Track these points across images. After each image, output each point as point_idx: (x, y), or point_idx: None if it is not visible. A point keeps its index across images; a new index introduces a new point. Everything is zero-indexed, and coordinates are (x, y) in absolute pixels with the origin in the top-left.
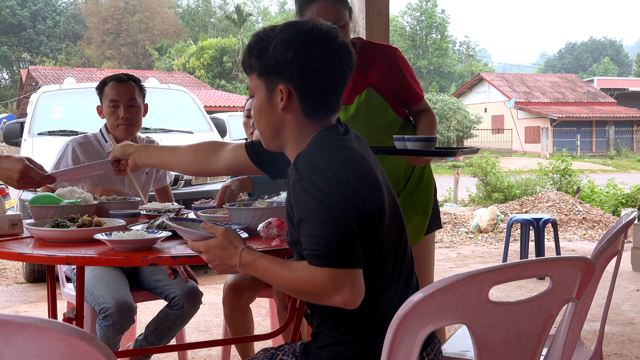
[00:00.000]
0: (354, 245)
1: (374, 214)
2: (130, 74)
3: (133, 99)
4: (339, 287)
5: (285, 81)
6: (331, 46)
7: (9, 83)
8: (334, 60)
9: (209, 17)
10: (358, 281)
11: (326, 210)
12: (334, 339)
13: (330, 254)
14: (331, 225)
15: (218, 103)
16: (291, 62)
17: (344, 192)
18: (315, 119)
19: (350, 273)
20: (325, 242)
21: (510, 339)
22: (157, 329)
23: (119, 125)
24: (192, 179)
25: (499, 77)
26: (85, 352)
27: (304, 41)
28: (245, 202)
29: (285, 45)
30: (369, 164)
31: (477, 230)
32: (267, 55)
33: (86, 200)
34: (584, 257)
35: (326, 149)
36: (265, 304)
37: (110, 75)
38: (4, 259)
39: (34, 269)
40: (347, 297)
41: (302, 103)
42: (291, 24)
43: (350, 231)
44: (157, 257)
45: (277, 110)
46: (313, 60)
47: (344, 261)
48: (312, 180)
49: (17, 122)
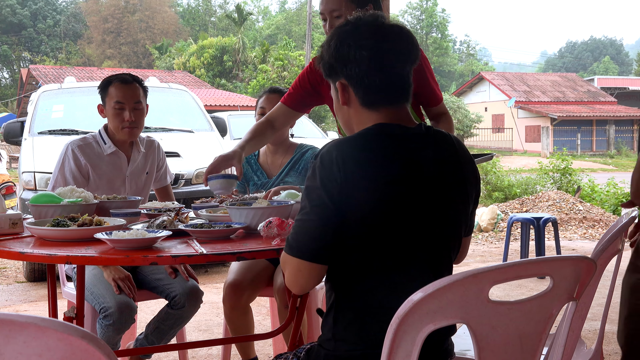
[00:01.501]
0: (313, 238)
1: (369, 218)
2: (134, 75)
3: (138, 102)
4: (283, 269)
5: (339, 77)
6: (370, 34)
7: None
8: (374, 47)
9: (210, 16)
10: (298, 271)
11: (307, 201)
12: (331, 334)
13: (290, 239)
14: (305, 213)
15: (218, 102)
16: (336, 58)
17: (330, 188)
18: (373, 108)
19: (293, 261)
20: (294, 227)
21: (510, 338)
22: (158, 328)
23: (124, 127)
24: (193, 179)
25: (500, 76)
26: (86, 352)
27: (343, 35)
28: (246, 202)
29: (330, 45)
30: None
31: (477, 229)
32: (324, 59)
33: (86, 200)
34: (584, 256)
35: (352, 143)
36: (265, 303)
37: (113, 75)
38: (4, 258)
39: (35, 268)
40: (285, 280)
41: (357, 94)
42: (337, 26)
43: (318, 224)
44: (158, 256)
45: (343, 107)
46: (352, 50)
47: (292, 248)
48: (314, 168)
49: (18, 121)
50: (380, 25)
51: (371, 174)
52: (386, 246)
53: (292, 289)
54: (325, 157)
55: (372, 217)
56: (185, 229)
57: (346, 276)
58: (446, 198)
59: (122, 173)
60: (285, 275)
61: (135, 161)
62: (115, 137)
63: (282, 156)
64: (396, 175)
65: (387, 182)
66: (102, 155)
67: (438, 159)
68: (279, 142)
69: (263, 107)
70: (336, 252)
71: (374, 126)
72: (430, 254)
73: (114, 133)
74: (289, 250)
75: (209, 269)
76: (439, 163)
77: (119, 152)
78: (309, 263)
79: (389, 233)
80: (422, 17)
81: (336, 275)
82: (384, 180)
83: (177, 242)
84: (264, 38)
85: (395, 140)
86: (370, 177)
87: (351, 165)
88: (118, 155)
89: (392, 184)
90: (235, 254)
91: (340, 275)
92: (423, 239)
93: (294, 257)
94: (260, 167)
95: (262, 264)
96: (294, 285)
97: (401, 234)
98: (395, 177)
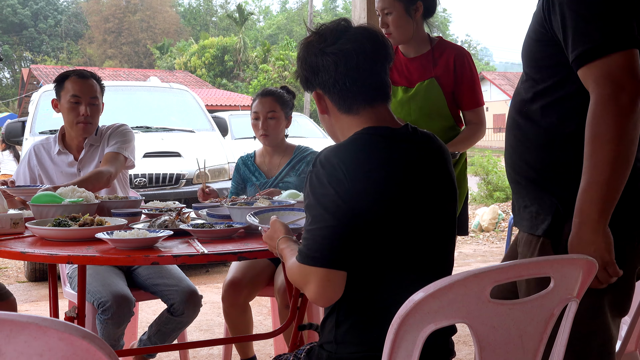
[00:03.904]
0: (334, 247)
1: (379, 221)
2: (91, 72)
3: (95, 97)
4: (307, 282)
5: (314, 88)
6: (334, 40)
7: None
8: (340, 52)
9: (211, 15)
10: (327, 281)
11: (319, 207)
12: (333, 337)
13: (307, 251)
14: (318, 222)
15: (219, 102)
16: (307, 69)
17: (341, 193)
18: (353, 113)
19: (319, 272)
20: (307, 237)
21: (511, 338)
22: (160, 331)
23: (78, 122)
24: (194, 178)
25: (501, 75)
26: (87, 351)
27: (309, 46)
28: (247, 202)
29: (299, 58)
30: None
31: (478, 229)
32: (299, 74)
33: (88, 199)
34: (585, 256)
35: (349, 148)
36: (266, 303)
37: (71, 70)
38: (5, 257)
39: (36, 268)
40: (312, 294)
41: (332, 101)
42: (300, 43)
43: (335, 231)
44: (159, 256)
45: (324, 117)
46: (319, 58)
47: (315, 259)
48: (318, 175)
49: (19, 121)
50: (343, 29)
51: (374, 176)
52: (390, 247)
53: (320, 301)
54: (326, 164)
55: (377, 219)
56: (186, 228)
57: (350, 279)
58: (441, 197)
59: (71, 171)
60: (309, 290)
61: (82, 157)
62: (69, 136)
63: (281, 156)
64: (397, 176)
65: (389, 184)
66: (52, 155)
67: (429, 159)
68: (275, 143)
69: (256, 112)
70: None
71: (364, 130)
72: (431, 254)
73: (69, 131)
74: (312, 262)
75: (210, 269)
76: (430, 163)
77: (64, 152)
78: (336, 271)
79: (392, 234)
80: None
81: None
82: (385, 181)
83: (178, 241)
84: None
85: (389, 142)
86: (373, 180)
87: (354, 169)
88: (65, 154)
89: (393, 185)
90: (237, 253)
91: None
92: (424, 238)
93: (321, 268)
94: (257, 168)
95: (262, 263)
96: (321, 298)
97: (404, 234)
98: (395, 178)
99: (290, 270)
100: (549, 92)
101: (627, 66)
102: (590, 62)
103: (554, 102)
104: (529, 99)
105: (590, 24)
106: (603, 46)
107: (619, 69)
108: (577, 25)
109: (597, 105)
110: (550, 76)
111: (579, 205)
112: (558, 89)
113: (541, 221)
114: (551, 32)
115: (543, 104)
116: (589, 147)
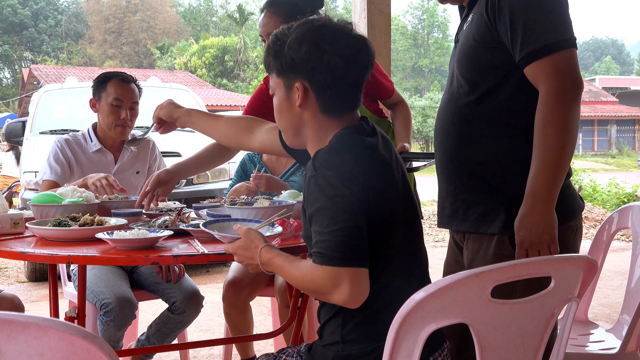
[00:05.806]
0: (358, 245)
1: (386, 216)
2: (132, 75)
3: (135, 102)
4: (337, 285)
5: (301, 78)
6: (344, 42)
7: (10, 82)
8: (348, 56)
9: (211, 16)
10: (357, 280)
11: (336, 208)
12: (339, 337)
13: (331, 252)
14: (338, 223)
15: (220, 102)
16: (305, 59)
17: (356, 192)
18: (334, 116)
19: (350, 272)
20: (329, 240)
21: (512, 337)
22: (159, 331)
23: (117, 125)
24: (194, 178)
25: None
26: (87, 351)
27: (317, 37)
28: (247, 201)
29: (299, 43)
30: (389, 165)
31: None
32: (283, 53)
33: (88, 199)
34: (585, 255)
35: (346, 148)
36: (267, 303)
37: (112, 72)
38: (6, 257)
39: (36, 268)
40: (345, 296)
41: (318, 99)
42: (304, 22)
43: (356, 231)
44: (159, 256)
45: (295, 108)
46: (326, 56)
47: (344, 260)
48: (326, 177)
49: (19, 121)
50: (355, 35)
51: (378, 172)
52: (392, 246)
53: (354, 302)
54: (332, 166)
55: (387, 213)
56: (186, 228)
57: None
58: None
59: (107, 171)
60: (342, 292)
61: (122, 160)
62: (104, 135)
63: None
64: (390, 169)
65: (389, 178)
66: (87, 152)
67: (393, 149)
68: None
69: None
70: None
71: (347, 130)
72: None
73: (104, 131)
74: (341, 262)
75: (210, 269)
76: (397, 158)
77: (104, 150)
78: (365, 269)
79: (394, 232)
80: (423, 17)
81: None
82: (386, 176)
83: (178, 241)
84: None
85: (370, 139)
86: (377, 176)
87: (361, 167)
88: (104, 153)
89: (391, 178)
90: None
91: None
92: (419, 236)
93: (352, 267)
94: (264, 165)
95: None
96: (356, 298)
97: (405, 233)
98: (390, 171)
99: (306, 277)
100: (496, 92)
101: (572, 63)
102: (540, 59)
103: (501, 101)
104: (471, 101)
105: (540, 26)
106: (553, 45)
107: (566, 65)
108: (527, 27)
109: (550, 96)
110: (495, 76)
111: (532, 187)
112: (504, 87)
113: (492, 220)
114: (497, 35)
115: (491, 103)
116: (541, 133)
